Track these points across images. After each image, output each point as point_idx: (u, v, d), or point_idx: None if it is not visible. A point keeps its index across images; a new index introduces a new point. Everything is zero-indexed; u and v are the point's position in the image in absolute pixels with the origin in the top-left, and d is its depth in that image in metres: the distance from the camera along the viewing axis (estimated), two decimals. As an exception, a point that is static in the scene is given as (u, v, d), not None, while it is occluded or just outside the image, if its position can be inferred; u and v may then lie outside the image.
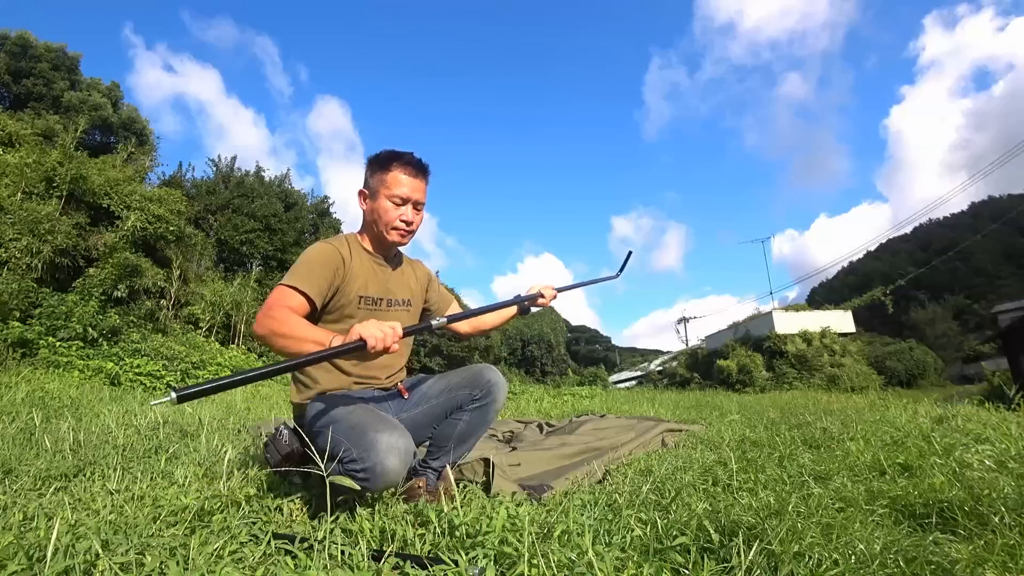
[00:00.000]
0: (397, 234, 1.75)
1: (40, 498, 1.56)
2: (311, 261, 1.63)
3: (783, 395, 13.84)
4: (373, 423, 1.46)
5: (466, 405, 1.84)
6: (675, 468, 2.21)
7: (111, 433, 2.68)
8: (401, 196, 1.71)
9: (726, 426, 4.18)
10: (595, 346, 62.51)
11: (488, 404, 1.84)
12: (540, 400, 9.14)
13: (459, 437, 1.85)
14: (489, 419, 1.88)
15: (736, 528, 1.27)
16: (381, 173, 1.72)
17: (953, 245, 47.76)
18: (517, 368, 36.72)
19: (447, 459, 1.86)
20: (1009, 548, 1.18)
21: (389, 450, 1.38)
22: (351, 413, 1.54)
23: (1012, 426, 2.90)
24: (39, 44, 18.06)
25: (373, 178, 1.75)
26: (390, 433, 1.42)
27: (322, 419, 1.59)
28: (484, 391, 1.83)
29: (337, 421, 1.53)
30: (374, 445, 1.38)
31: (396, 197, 1.71)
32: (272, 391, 8.07)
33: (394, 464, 1.39)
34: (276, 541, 1.21)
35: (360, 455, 1.39)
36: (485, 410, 1.84)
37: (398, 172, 1.71)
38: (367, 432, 1.42)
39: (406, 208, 1.73)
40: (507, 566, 1.10)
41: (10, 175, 10.21)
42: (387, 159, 1.72)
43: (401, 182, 1.71)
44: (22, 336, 7.72)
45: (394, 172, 1.71)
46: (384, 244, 1.80)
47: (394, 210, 1.72)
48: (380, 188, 1.72)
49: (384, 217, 1.72)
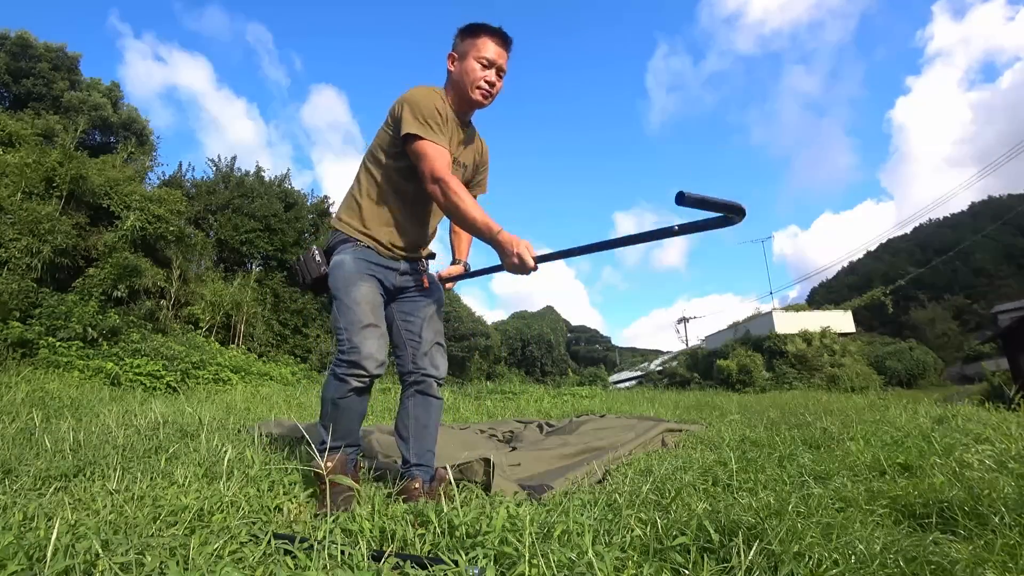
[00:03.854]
0: (480, 93, 1.85)
1: (40, 498, 1.56)
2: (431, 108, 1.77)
3: (783, 395, 13.84)
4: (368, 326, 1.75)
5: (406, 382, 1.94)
6: (675, 468, 2.21)
7: (111, 433, 2.68)
8: (489, 58, 1.83)
9: (726, 426, 4.18)
10: (595, 346, 62.47)
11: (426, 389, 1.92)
12: (540, 400, 9.14)
13: (416, 426, 1.90)
14: (435, 404, 1.94)
15: (736, 528, 1.27)
16: (472, 38, 1.85)
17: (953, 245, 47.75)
18: (517, 368, 36.73)
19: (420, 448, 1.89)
20: (1009, 548, 1.18)
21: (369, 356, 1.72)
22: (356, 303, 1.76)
23: (1012, 426, 2.90)
24: (39, 44, 18.04)
25: (464, 42, 1.87)
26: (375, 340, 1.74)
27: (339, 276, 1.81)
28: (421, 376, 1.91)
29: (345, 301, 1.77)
30: (361, 347, 1.72)
31: (484, 59, 1.83)
32: (272, 391, 8.07)
33: (371, 367, 1.72)
34: (276, 541, 1.21)
35: (349, 348, 1.73)
36: (426, 395, 1.92)
37: (488, 39, 1.84)
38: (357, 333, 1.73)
39: (491, 71, 1.85)
40: (507, 566, 1.10)
41: (10, 175, 10.21)
42: (479, 27, 1.85)
43: (490, 47, 1.84)
44: (22, 336, 7.72)
45: (484, 38, 1.84)
46: (468, 103, 1.89)
47: (481, 70, 1.83)
48: (470, 51, 1.84)
49: (471, 76, 1.83)
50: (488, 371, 28.81)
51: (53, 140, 13.63)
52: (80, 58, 19.08)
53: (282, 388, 8.97)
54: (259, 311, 14.90)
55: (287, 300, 16.89)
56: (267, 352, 14.70)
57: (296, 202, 19.07)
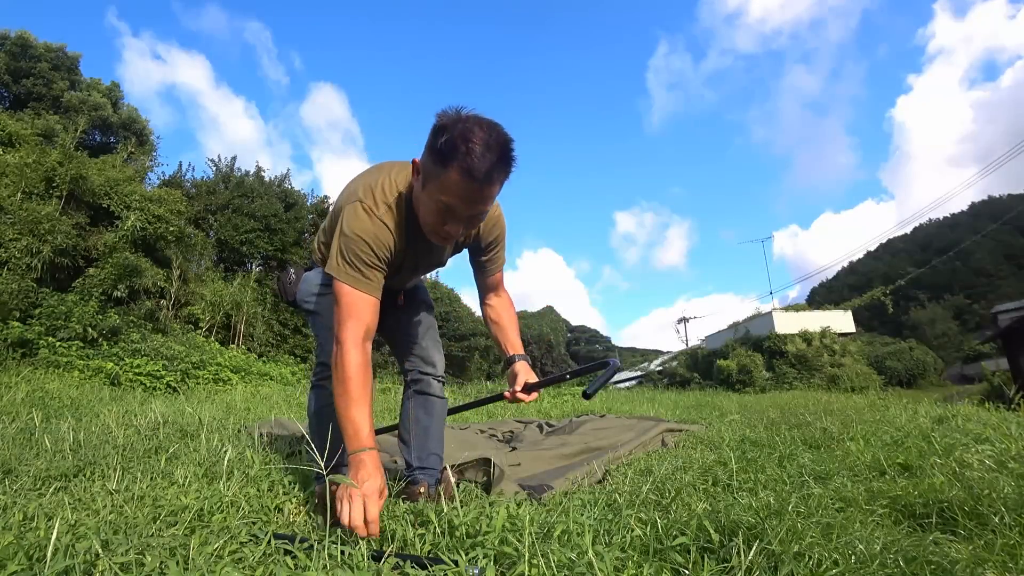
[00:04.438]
0: (436, 238, 1.45)
1: (40, 498, 1.56)
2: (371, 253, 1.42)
3: (783, 395, 13.83)
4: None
5: (406, 382, 1.90)
6: (675, 468, 2.21)
7: (111, 433, 2.68)
8: (449, 204, 1.31)
9: (726, 426, 4.18)
10: (595, 346, 62.50)
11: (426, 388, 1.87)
12: (540, 400, 9.14)
13: (418, 428, 1.85)
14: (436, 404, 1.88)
15: (736, 528, 1.27)
16: (440, 165, 1.28)
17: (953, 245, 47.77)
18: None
19: (422, 451, 1.84)
20: (1009, 548, 1.18)
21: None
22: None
23: (1012, 426, 2.90)
24: (39, 44, 18.06)
25: (428, 162, 1.32)
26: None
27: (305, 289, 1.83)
28: (419, 375, 1.87)
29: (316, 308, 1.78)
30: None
31: (441, 202, 1.31)
32: (272, 391, 8.07)
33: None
34: (276, 541, 1.21)
35: (321, 351, 1.75)
36: (426, 394, 1.87)
37: (455, 175, 1.26)
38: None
39: (452, 222, 1.36)
40: (507, 566, 1.10)
41: (10, 175, 10.22)
42: (452, 152, 1.24)
43: (458, 189, 1.28)
44: (22, 336, 7.73)
45: (451, 171, 1.26)
46: None
47: (438, 214, 1.35)
48: (429, 181, 1.33)
49: (425, 218, 1.40)
50: (488, 371, 28.79)
51: (53, 140, 13.64)
52: (80, 58, 19.13)
53: (282, 388, 8.98)
54: (259, 311, 14.90)
55: (287, 300, 16.89)
56: (267, 352, 14.70)
57: (296, 202, 19.09)
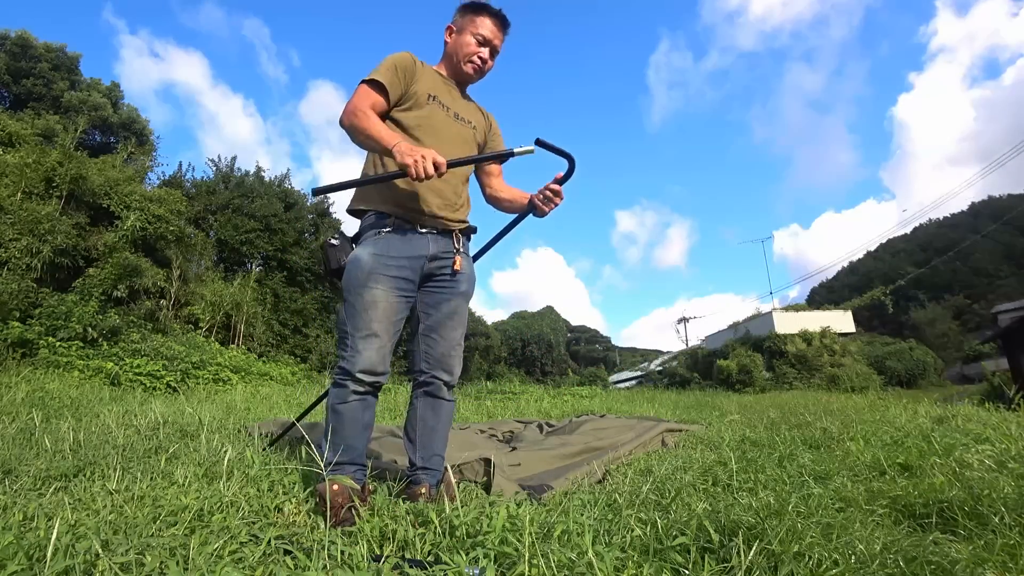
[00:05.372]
0: (472, 67, 1.93)
1: (40, 498, 1.56)
2: (387, 60, 1.83)
3: (783, 395, 13.84)
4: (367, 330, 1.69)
5: (416, 382, 1.90)
6: (675, 468, 2.21)
7: (111, 433, 2.68)
8: (485, 36, 1.91)
9: (726, 426, 4.18)
10: (595, 346, 62.42)
11: (436, 391, 1.88)
12: (540, 400, 9.14)
13: (424, 429, 1.86)
14: (445, 407, 1.90)
15: (736, 528, 1.27)
16: (472, 15, 1.93)
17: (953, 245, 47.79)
18: (517, 368, 36.70)
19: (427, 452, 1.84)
20: (1009, 548, 1.18)
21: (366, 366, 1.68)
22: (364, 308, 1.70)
23: (1012, 426, 2.90)
24: (39, 44, 18.05)
25: (464, 18, 1.94)
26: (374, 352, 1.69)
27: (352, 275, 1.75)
28: (431, 379, 1.87)
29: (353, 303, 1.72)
30: (360, 356, 1.68)
31: (480, 35, 1.91)
32: (272, 391, 8.07)
33: (368, 378, 1.68)
34: (276, 541, 1.21)
35: (350, 356, 1.69)
36: (435, 397, 1.88)
37: (487, 18, 1.92)
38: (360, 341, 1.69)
39: (485, 49, 1.93)
40: (507, 566, 1.10)
41: (10, 175, 10.21)
42: (480, 6, 1.93)
43: (487, 25, 1.92)
44: (22, 336, 7.72)
45: (483, 17, 1.92)
46: (459, 75, 1.97)
47: (476, 46, 1.91)
48: (468, 26, 1.92)
49: (465, 49, 1.91)
50: (488, 371, 28.78)
51: (53, 140, 13.63)
52: (80, 58, 19.11)
53: (282, 388, 8.97)
54: (259, 311, 14.91)
55: (287, 300, 16.90)
56: (267, 352, 14.70)
57: (296, 202, 19.08)
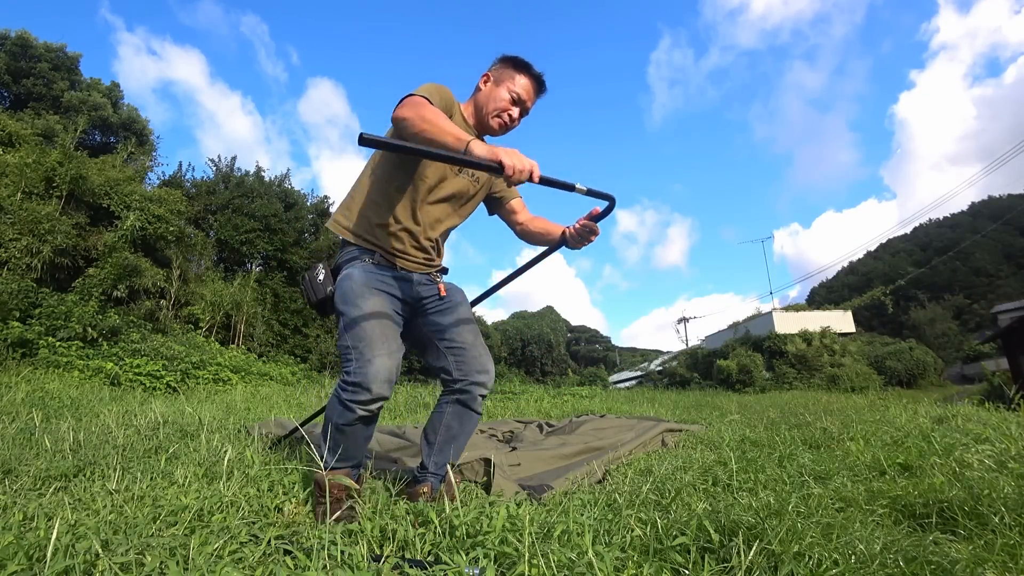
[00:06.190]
0: (498, 122, 1.86)
1: (40, 498, 1.56)
2: (433, 87, 1.72)
3: (783, 395, 13.85)
4: (376, 341, 1.61)
5: (450, 390, 1.85)
6: (675, 468, 2.21)
7: (111, 433, 2.68)
8: (520, 95, 1.86)
9: (726, 426, 4.18)
10: (595, 346, 62.44)
11: (469, 401, 1.84)
12: (540, 400, 9.14)
13: (446, 436, 1.84)
14: (472, 418, 1.87)
15: (736, 528, 1.27)
16: (513, 70, 1.87)
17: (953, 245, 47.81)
18: (517, 368, 36.70)
19: (441, 459, 1.84)
20: (1009, 548, 1.18)
21: (377, 375, 1.56)
22: (365, 319, 1.63)
23: (1012, 426, 2.90)
24: (39, 44, 18.06)
25: (504, 70, 1.89)
26: (386, 358, 1.59)
27: (346, 290, 1.68)
28: (468, 386, 1.83)
29: (352, 316, 1.64)
30: (369, 365, 1.57)
31: (516, 93, 1.85)
32: (272, 391, 8.07)
33: (379, 389, 1.57)
34: (276, 541, 1.21)
35: (356, 368, 1.57)
36: (466, 407, 1.85)
37: (528, 79, 1.87)
38: (367, 349, 1.59)
39: (516, 108, 1.87)
40: (507, 566, 1.10)
41: (10, 175, 10.22)
42: (524, 65, 1.88)
43: (526, 85, 1.87)
44: (22, 336, 7.72)
45: (525, 76, 1.87)
46: (482, 124, 1.89)
47: (509, 102, 1.85)
48: (506, 80, 1.86)
49: (498, 103, 1.85)
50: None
51: (53, 140, 13.64)
52: (80, 58, 19.12)
53: (282, 388, 8.97)
54: (259, 311, 14.91)
55: (287, 300, 16.90)
56: (267, 352, 14.71)
57: (296, 202, 19.10)
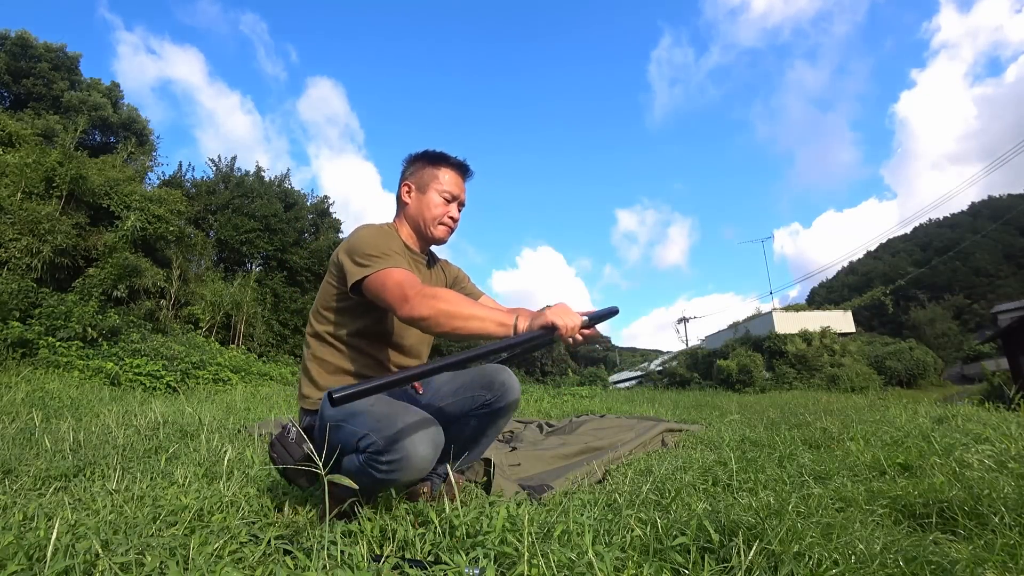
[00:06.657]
0: (444, 229, 1.76)
1: (40, 498, 1.56)
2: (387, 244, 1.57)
3: (783, 395, 13.85)
4: (401, 413, 1.42)
5: (477, 408, 1.75)
6: (675, 468, 2.21)
7: (111, 433, 2.68)
8: (452, 192, 1.74)
9: (726, 426, 4.18)
10: (595, 346, 62.43)
11: (500, 409, 1.76)
12: (540, 400, 9.14)
13: (468, 441, 1.79)
14: (500, 424, 1.81)
15: (736, 528, 1.27)
16: (432, 168, 1.75)
17: (953, 245, 47.83)
18: (517, 368, 36.72)
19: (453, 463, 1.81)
20: (1009, 548, 1.18)
21: (420, 440, 1.36)
22: (372, 406, 1.46)
23: (1012, 426, 2.90)
24: (39, 44, 18.07)
25: (422, 171, 1.76)
26: (420, 422, 1.40)
27: (340, 414, 1.48)
28: (497, 395, 1.74)
29: (358, 414, 1.44)
30: (404, 435, 1.35)
31: (447, 193, 1.74)
32: (272, 391, 8.06)
33: (426, 452, 1.36)
34: (276, 541, 1.21)
35: (387, 446, 1.34)
36: (496, 415, 1.77)
37: (450, 170, 1.76)
38: (395, 422, 1.38)
39: (453, 205, 1.76)
40: (507, 566, 1.10)
41: (10, 175, 10.22)
42: (441, 158, 1.77)
43: (452, 180, 1.75)
44: (22, 336, 7.72)
45: (445, 169, 1.75)
46: (425, 239, 1.79)
47: (443, 206, 1.74)
48: (431, 183, 1.74)
49: (433, 211, 1.73)
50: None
51: (53, 140, 13.64)
52: (80, 58, 19.14)
53: (282, 388, 8.97)
54: (259, 311, 14.91)
55: (287, 300, 16.90)
56: (267, 352, 14.70)
57: (296, 202, 19.10)
